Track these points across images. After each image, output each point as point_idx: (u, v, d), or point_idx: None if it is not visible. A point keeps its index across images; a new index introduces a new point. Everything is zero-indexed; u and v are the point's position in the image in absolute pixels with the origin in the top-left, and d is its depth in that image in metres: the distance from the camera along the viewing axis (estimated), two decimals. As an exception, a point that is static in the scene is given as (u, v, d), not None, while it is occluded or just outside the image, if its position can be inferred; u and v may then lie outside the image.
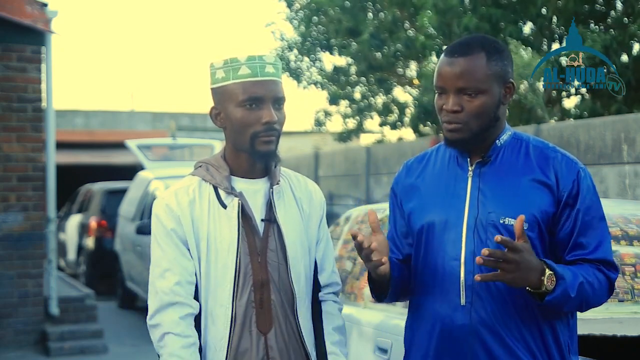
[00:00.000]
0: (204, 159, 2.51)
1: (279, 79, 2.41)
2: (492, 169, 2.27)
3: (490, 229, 2.20)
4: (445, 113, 2.24)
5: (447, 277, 2.23)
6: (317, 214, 2.54)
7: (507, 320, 2.19)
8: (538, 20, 10.35)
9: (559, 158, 2.25)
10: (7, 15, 7.39)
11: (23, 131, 8.00)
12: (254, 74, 2.35)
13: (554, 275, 2.11)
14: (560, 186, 2.21)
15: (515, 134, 2.33)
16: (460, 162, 2.32)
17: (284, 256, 2.40)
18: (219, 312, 2.34)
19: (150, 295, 2.40)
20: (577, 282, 2.14)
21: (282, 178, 2.49)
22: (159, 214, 2.40)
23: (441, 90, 2.26)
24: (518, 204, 2.20)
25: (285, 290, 2.39)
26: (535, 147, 2.29)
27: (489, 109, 2.22)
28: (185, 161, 12.55)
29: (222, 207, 2.38)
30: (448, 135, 2.26)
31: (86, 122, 23.99)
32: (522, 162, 2.26)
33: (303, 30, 14.28)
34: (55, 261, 8.33)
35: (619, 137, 6.74)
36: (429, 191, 2.33)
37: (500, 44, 2.28)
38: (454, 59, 2.22)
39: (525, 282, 2.09)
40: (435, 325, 2.25)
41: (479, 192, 2.25)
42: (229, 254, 2.35)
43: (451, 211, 2.26)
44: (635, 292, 3.28)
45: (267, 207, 2.42)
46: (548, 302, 2.11)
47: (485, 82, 2.20)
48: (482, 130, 2.24)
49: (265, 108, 2.35)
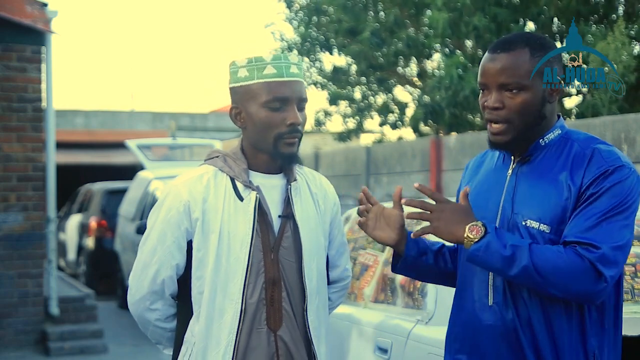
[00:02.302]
0: (220, 150, 2.47)
1: (302, 79, 2.37)
2: (530, 168, 2.23)
3: (514, 230, 2.17)
4: (487, 110, 2.20)
5: (477, 276, 2.23)
6: (331, 211, 2.53)
7: (534, 323, 2.16)
8: (539, 19, 10.35)
9: (594, 154, 2.13)
10: (7, 15, 7.38)
11: (23, 131, 8.00)
12: (279, 74, 2.31)
13: (482, 228, 2.10)
14: (583, 181, 2.11)
15: (567, 132, 2.24)
16: (505, 160, 2.30)
17: (297, 254, 2.38)
18: (228, 306, 2.32)
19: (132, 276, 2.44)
20: (513, 243, 2.07)
21: (298, 174, 2.46)
22: (165, 200, 2.37)
23: (483, 87, 2.22)
24: (541, 206, 2.15)
25: (296, 289, 2.37)
26: (579, 145, 2.18)
27: (532, 106, 2.17)
28: (185, 161, 12.56)
29: (238, 199, 2.34)
30: (491, 139, 2.23)
31: (86, 122, 23.99)
32: (560, 163, 2.18)
33: (303, 30, 14.27)
34: (55, 261, 8.33)
35: (619, 137, 6.74)
36: (477, 188, 2.33)
37: (547, 41, 2.23)
38: (496, 55, 2.19)
39: (450, 234, 2.13)
40: (468, 322, 2.26)
41: (515, 192, 2.22)
42: (242, 248, 2.32)
43: (487, 209, 2.25)
44: (635, 292, 3.28)
45: (284, 204, 2.39)
46: (472, 252, 2.10)
47: (528, 78, 2.15)
48: (527, 129, 2.18)
49: (289, 109, 2.32)
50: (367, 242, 4.08)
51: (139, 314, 2.46)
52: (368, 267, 3.94)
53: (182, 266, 2.38)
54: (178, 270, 2.38)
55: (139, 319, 2.48)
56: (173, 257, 2.36)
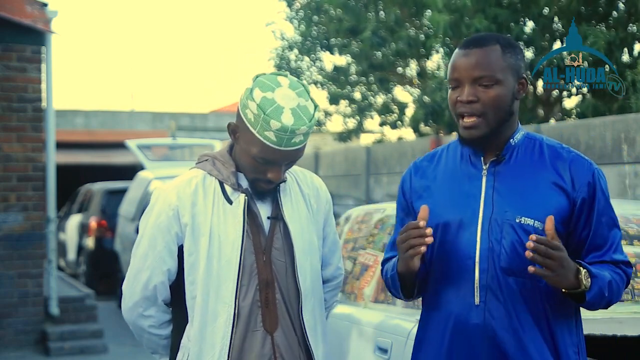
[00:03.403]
0: (209, 153, 2.47)
1: (304, 144, 2.33)
2: (506, 168, 2.26)
3: (506, 228, 2.19)
4: (460, 105, 2.22)
5: (461, 276, 2.22)
6: (324, 209, 2.52)
7: (521, 321, 2.18)
8: (540, 20, 10.34)
9: (574, 159, 2.24)
10: (7, 15, 7.38)
11: (23, 131, 8.00)
12: (277, 144, 2.27)
13: (588, 274, 2.13)
14: (576, 188, 2.21)
15: (528, 133, 2.32)
16: (473, 161, 2.29)
17: (290, 254, 2.37)
18: (221, 309, 2.31)
19: (126, 283, 2.44)
20: (607, 281, 2.16)
21: (288, 174, 2.46)
22: (155, 205, 2.38)
23: (456, 83, 2.24)
24: (534, 204, 2.20)
25: (290, 289, 2.37)
26: (549, 146, 2.28)
27: (504, 100, 2.21)
28: (185, 161, 12.55)
29: (227, 202, 2.35)
30: (465, 134, 2.23)
31: (86, 122, 23.99)
32: (536, 162, 2.25)
33: (303, 29, 14.27)
34: (55, 261, 8.33)
35: (619, 137, 6.73)
36: (442, 190, 2.31)
37: (513, 40, 2.29)
38: (469, 50, 2.23)
39: (566, 281, 2.09)
40: (448, 323, 2.24)
41: (494, 191, 2.24)
42: (233, 251, 2.32)
43: (466, 210, 2.24)
44: (635, 292, 3.28)
45: (273, 205, 2.40)
46: (588, 300, 2.14)
47: (501, 72, 2.20)
48: (499, 124, 2.22)
49: (274, 169, 2.32)
50: (367, 242, 4.08)
51: (133, 321, 2.46)
52: (368, 267, 3.94)
53: (173, 271, 2.38)
54: (170, 276, 2.38)
55: (133, 326, 2.48)
56: (164, 263, 2.36)
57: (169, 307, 2.45)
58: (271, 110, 2.26)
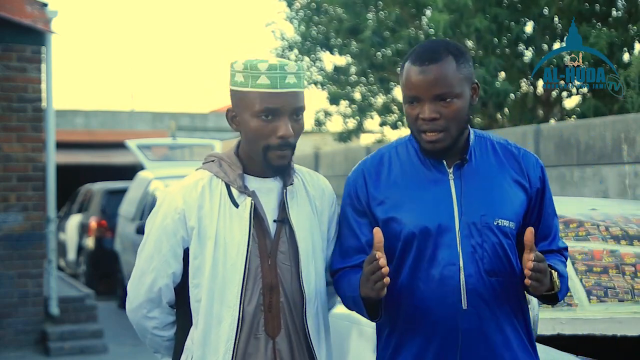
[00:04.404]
0: (216, 154, 2.45)
1: (300, 89, 2.31)
2: (470, 170, 2.28)
3: (485, 231, 2.21)
4: (422, 122, 2.21)
5: (445, 282, 2.21)
6: (329, 210, 2.48)
7: (504, 320, 2.22)
8: (540, 20, 10.33)
9: (524, 155, 2.33)
10: (7, 15, 7.39)
11: (23, 131, 8.00)
12: (272, 85, 2.26)
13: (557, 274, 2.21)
14: (531, 184, 2.29)
15: (476, 132, 2.36)
16: (435, 164, 2.29)
17: (295, 258, 2.35)
18: (226, 313, 2.30)
19: (130, 284, 2.44)
20: (566, 275, 2.28)
21: (295, 176, 2.43)
22: (161, 208, 2.37)
23: (414, 100, 2.23)
24: (505, 205, 2.25)
25: (294, 293, 2.35)
26: (499, 144, 2.35)
27: (464, 111, 2.23)
28: (185, 161, 12.56)
29: (234, 206, 2.32)
30: (428, 147, 2.23)
31: (86, 122, 24.00)
32: (494, 161, 2.31)
33: (303, 30, 14.25)
34: (55, 261, 8.33)
35: (619, 137, 6.73)
36: (408, 197, 2.28)
37: (462, 46, 2.29)
38: (425, 67, 2.20)
39: (546, 287, 2.16)
40: (435, 332, 2.22)
41: (463, 194, 2.25)
42: (238, 255, 2.30)
43: (441, 216, 2.23)
44: (635, 292, 3.28)
45: (280, 208, 2.37)
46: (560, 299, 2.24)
47: (459, 86, 2.20)
48: (460, 133, 2.25)
49: (281, 120, 2.27)
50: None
51: (137, 322, 2.46)
52: (368, 267, 3.93)
53: (178, 274, 2.37)
54: (175, 279, 2.37)
55: (137, 326, 2.48)
56: (169, 266, 2.35)
57: (174, 309, 2.45)
58: (256, 60, 2.30)
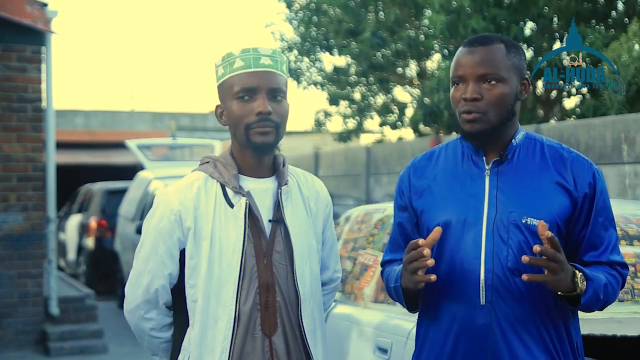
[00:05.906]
0: (211, 155, 2.48)
1: (276, 70, 2.38)
2: (509, 168, 2.26)
3: (512, 229, 2.20)
4: (464, 103, 2.22)
5: (466, 276, 2.22)
6: (323, 212, 2.52)
7: (527, 320, 2.19)
8: (539, 20, 10.33)
9: (575, 159, 2.27)
10: (7, 15, 7.39)
11: (23, 131, 8.00)
12: (247, 66, 2.35)
13: (584, 277, 2.14)
14: (578, 188, 2.23)
15: (528, 133, 2.33)
16: (475, 160, 2.29)
17: (290, 258, 2.37)
18: (222, 313, 2.31)
19: (128, 285, 2.45)
20: (603, 283, 2.18)
21: (290, 177, 2.46)
22: (157, 209, 2.39)
23: (460, 80, 2.25)
24: (539, 204, 2.21)
25: (290, 293, 2.36)
26: (549, 147, 2.30)
27: (507, 99, 2.22)
28: (185, 161, 12.56)
29: (229, 206, 2.34)
30: (467, 127, 2.24)
31: (86, 122, 24.00)
32: (538, 162, 2.27)
33: (303, 30, 14.26)
34: (55, 261, 8.33)
35: (619, 137, 6.73)
36: (443, 190, 2.30)
37: (515, 42, 2.31)
38: (474, 48, 2.24)
39: (565, 284, 2.11)
40: (453, 324, 2.24)
41: (498, 191, 2.24)
42: (234, 255, 2.32)
43: (469, 210, 2.24)
44: (635, 292, 3.28)
45: (274, 208, 2.39)
46: (583, 303, 2.15)
47: (505, 71, 2.22)
48: (500, 122, 2.23)
49: (258, 99, 2.33)
50: (367, 242, 4.08)
51: (135, 323, 2.47)
52: (368, 267, 3.94)
53: (175, 275, 2.38)
54: (171, 280, 2.39)
55: (135, 328, 2.49)
56: (165, 267, 2.37)
57: (171, 310, 2.46)
58: (230, 52, 2.40)
